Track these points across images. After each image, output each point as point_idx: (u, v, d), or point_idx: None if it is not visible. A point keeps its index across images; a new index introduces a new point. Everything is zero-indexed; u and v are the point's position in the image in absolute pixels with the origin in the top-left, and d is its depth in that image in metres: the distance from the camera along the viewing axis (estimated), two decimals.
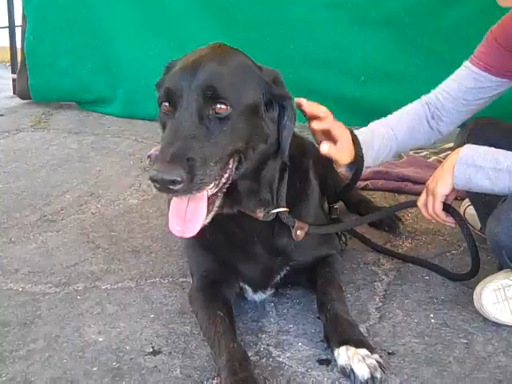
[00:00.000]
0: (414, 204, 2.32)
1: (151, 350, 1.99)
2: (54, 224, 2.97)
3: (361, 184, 3.30)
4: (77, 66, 4.91)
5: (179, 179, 1.63)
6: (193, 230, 1.80)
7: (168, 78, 1.84)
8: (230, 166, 1.82)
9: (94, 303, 2.27)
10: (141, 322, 2.15)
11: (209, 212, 1.82)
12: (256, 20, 4.36)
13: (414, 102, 2.57)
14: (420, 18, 4.03)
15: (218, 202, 1.85)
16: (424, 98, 2.55)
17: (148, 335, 2.07)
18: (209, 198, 1.80)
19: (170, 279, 2.44)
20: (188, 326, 2.12)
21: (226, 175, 1.82)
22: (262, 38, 4.35)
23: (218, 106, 1.75)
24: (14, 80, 5.61)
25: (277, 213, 2.05)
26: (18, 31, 5.45)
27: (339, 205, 3.04)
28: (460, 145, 2.17)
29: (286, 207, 2.07)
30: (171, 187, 1.64)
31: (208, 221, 1.82)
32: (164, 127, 1.84)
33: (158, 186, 1.66)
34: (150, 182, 1.67)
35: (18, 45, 5.52)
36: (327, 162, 2.93)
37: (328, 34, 4.25)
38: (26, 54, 5.06)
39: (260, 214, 2.02)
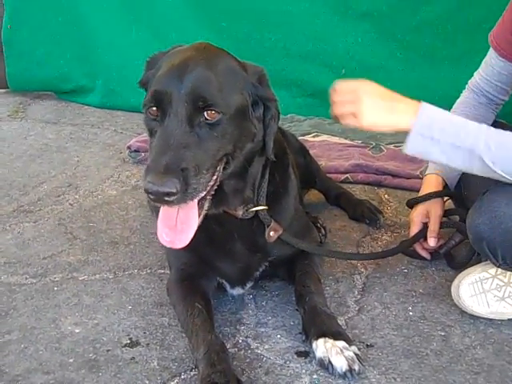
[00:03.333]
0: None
1: (128, 341, 1.98)
2: (30, 214, 2.93)
3: (341, 177, 3.30)
4: (55, 55, 4.84)
5: (174, 191, 1.61)
6: (184, 240, 1.78)
7: (155, 82, 1.79)
8: (218, 168, 1.80)
9: (70, 294, 2.25)
10: (118, 314, 2.13)
11: (198, 216, 1.80)
12: (236, 11, 4.31)
13: (464, 95, 2.50)
14: (401, 12, 4.02)
15: (206, 205, 1.83)
16: (470, 84, 2.48)
17: (125, 327, 2.06)
18: (198, 203, 1.78)
19: (148, 271, 2.42)
20: (166, 318, 2.11)
21: (215, 177, 1.80)
22: (243, 29, 4.31)
23: (209, 112, 1.72)
24: None
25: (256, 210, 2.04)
26: None
27: (319, 198, 3.06)
28: None
29: (266, 204, 2.05)
30: (166, 199, 1.63)
31: (198, 225, 1.80)
32: (151, 132, 1.80)
33: (152, 197, 1.64)
34: (129, 174, 1.64)
35: None
36: (308, 153, 2.94)
37: (309, 26, 4.22)
38: (4, 43, 4.98)
39: (239, 212, 2.01)
